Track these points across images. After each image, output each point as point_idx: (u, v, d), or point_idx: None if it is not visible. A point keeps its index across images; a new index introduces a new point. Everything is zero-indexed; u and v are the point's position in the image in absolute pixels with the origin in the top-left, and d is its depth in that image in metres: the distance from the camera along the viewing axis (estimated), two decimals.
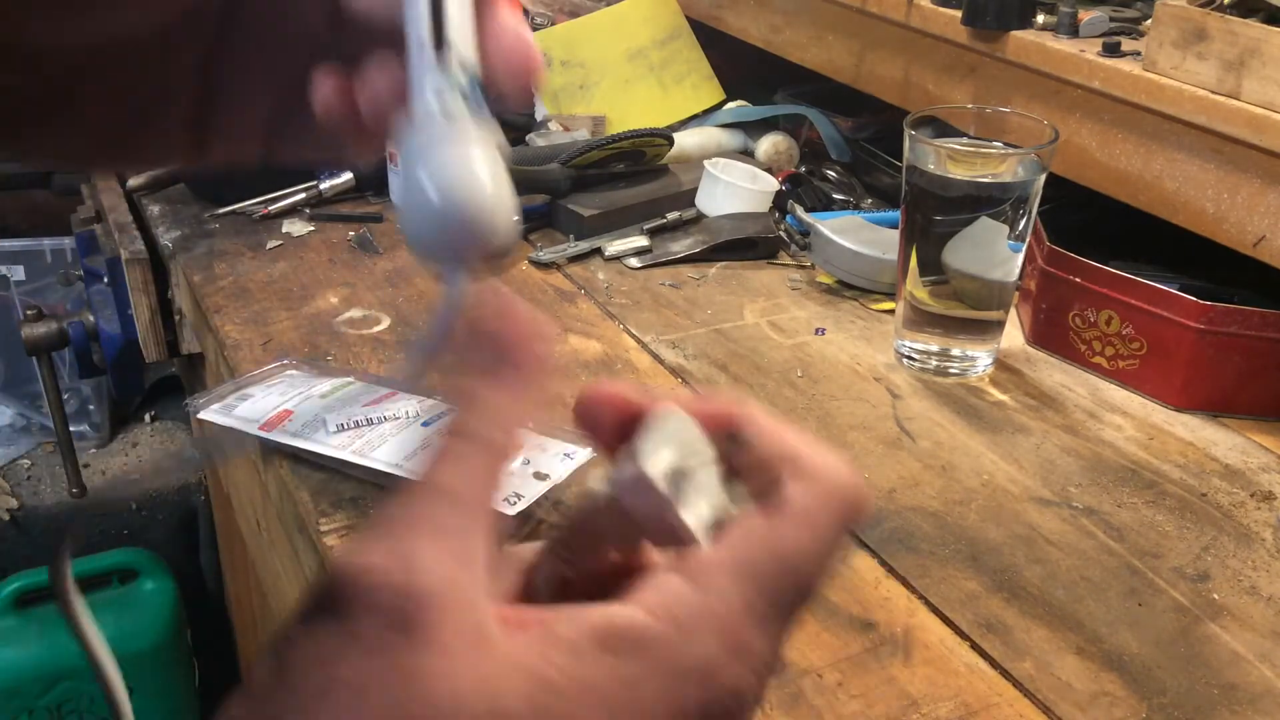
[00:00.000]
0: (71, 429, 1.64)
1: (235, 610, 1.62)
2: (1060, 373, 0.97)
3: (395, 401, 0.81)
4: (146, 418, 1.94)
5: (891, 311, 1.01)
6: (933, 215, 0.91)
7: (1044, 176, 0.89)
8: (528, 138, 1.33)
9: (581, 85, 1.38)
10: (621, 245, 1.14)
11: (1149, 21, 0.96)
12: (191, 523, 1.84)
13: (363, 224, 1.22)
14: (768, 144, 1.32)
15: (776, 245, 1.16)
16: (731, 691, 0.26)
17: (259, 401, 0.84)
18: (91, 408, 1.89)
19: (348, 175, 1.26)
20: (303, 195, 1.24)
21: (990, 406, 0.92)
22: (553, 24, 1.46)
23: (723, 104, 1.43)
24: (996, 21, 1.04)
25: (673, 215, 1.19)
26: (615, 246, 1.14)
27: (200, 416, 0.83)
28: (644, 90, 1.40)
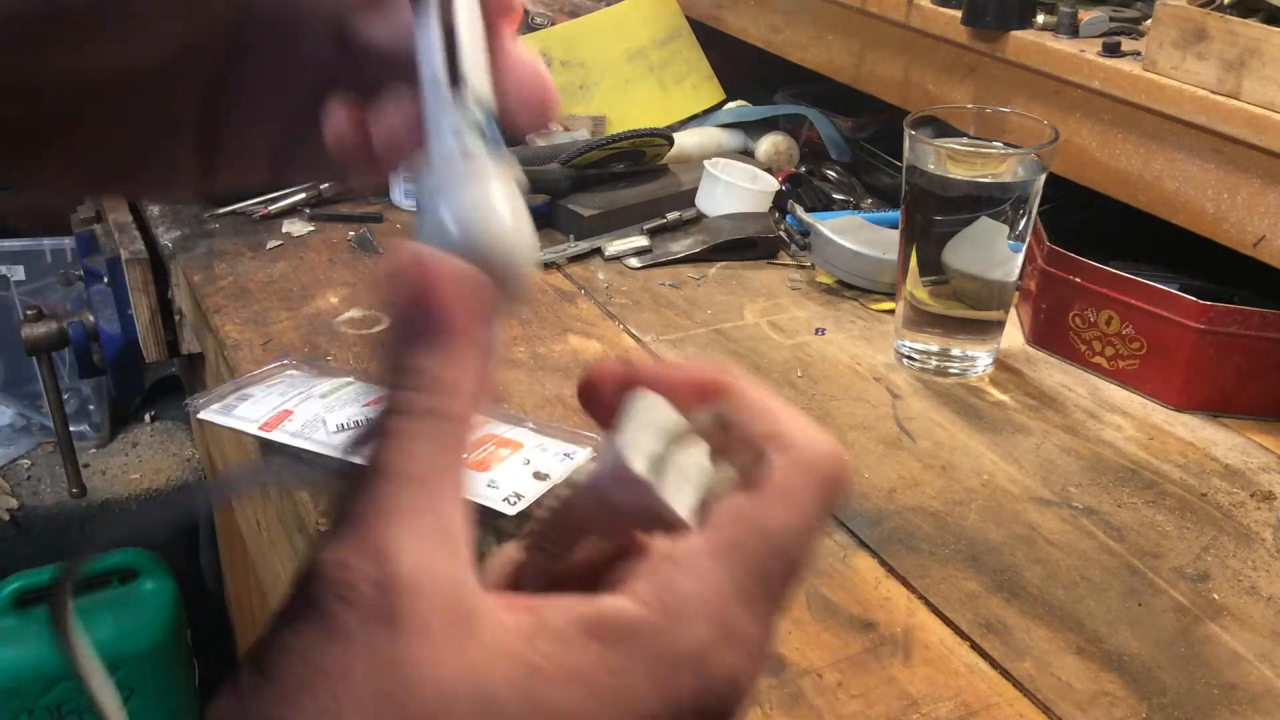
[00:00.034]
0: (71, 429, 1.64)
1: (235, 610, 1.62)
2: (1060, 373, 0.97)
3: None
4: (146, 418, 1.94)
5: (891, 311, 1.01)
6: (933, 215, 0.91)
7: (1044, 176, 0.89)
8: (528, 138, 1.33)
9: (581, 85, 1.38)
10: (621, 245, 1.14)
11: (1149, 21, 0.96)
12: (191, 523, 1.84)
13: (363, 224, 1.22)
14: (768, 144, 1.32)
15: (776, 245, 1.16)
16: (726, 677, 0.26)
17: (259, 401, 0.84)
18: (91, 408, 1.89)
19: None
20: (303, 195, 1.24)
21: (990, 406, 0.92)
22: (553, 24, 1.46)
23: (723, 104, 1.43)
24: (996, 21, 1.04)
25: (673, 215, 1.18)
26: (615, 246, 1.14)
27: (200, 416, 0.84)
28: (644, 90, 1.40)
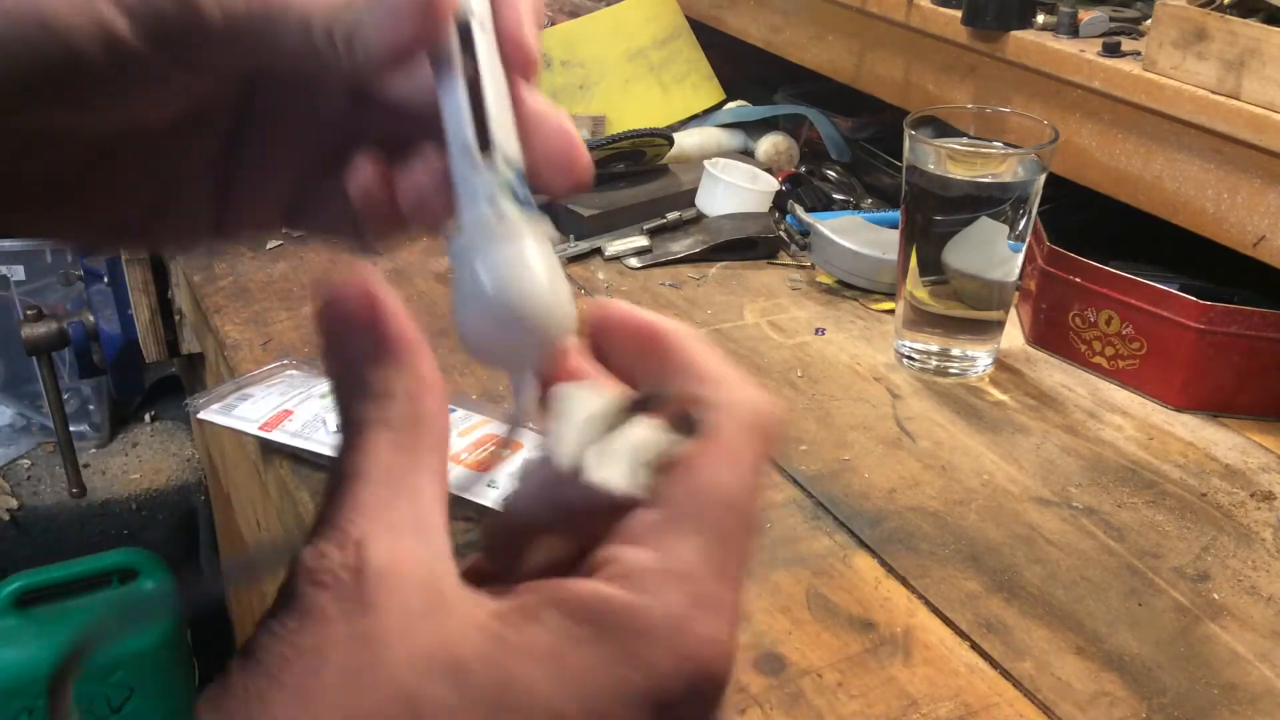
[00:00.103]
0: (71, 429, 1.64)
1: (235, 610, 1.62)
2: (1060, 373, 0.97)
3: None
4: (146, 418, 1.94)
5: (891, 311, 1.01)
6: (933, 215, 0.91)
7: (1044, 176, 0.89)
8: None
9: (581, 85, 1.38)
10: (621, 245, 1.14)
11: (1149, 21, 0.96)
12: (191, 523, 1.84)
13: None
14: (768, 144, 1.32)
15: (776, 245, 1.16)
16: (707, 644, 0.26)
17: (259, 401, 0.84)
18: (91, 408, 1.89)
19: None
20: None
21: (990, 406, 0.92)
22: (553, 24, 1.46)
23: (723, 104, 1.43)
24: (996, 21, 1.04)
25: (673, 215, 1.18)
26: (615, 246, 1.14)
27: (200, 416, 0.84)
28: (644, 90, 1.40)
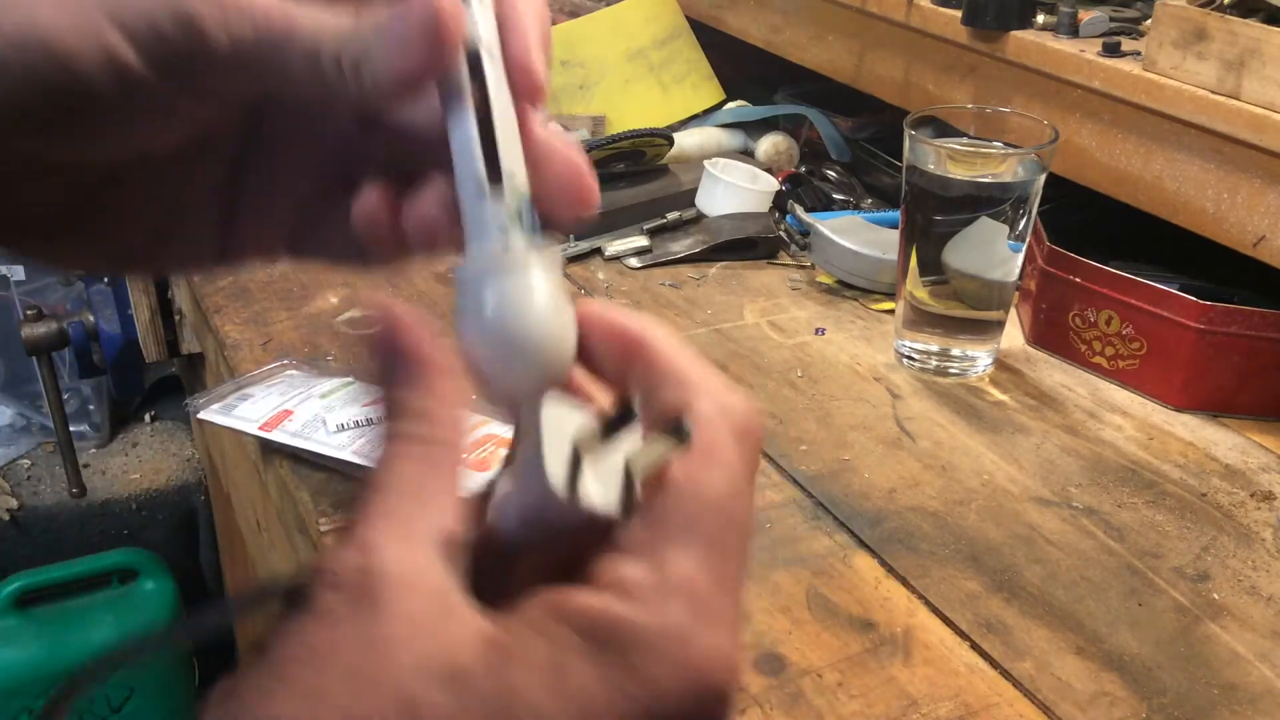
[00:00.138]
0: (71, 429, 1.64)
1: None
2: (1060, 373, 0.97)
3: None
4: (146, 418, 1.94)
5: (891, 311, 1.01)
6: (933, 215, 0.91)
7: (1044, 176, 0.89)
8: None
9: (581, 85, 1.38)
10: (621, 245, 1.14)
11: (1149, 21, 0.96)
12: (191, 523, 1.84)
13: None
14: (768, 144, 1.32)
15: (776, 245, 1.16)
16: (712, 654, 0.26)
17: (259, 401, 0.84)
18: (91, 408, 1.89)
19: None
20: None
21: (990, 406, 0.92)
22: (552, 24, 1.46)
23: (723, 104, 1.43)
24: (996, 21, 1.04)
25: (673, 215, 1.18)
26: (615, 246, 1.14)
27: (200, 416, 0.84)
28: (644, 90, 1.40)
